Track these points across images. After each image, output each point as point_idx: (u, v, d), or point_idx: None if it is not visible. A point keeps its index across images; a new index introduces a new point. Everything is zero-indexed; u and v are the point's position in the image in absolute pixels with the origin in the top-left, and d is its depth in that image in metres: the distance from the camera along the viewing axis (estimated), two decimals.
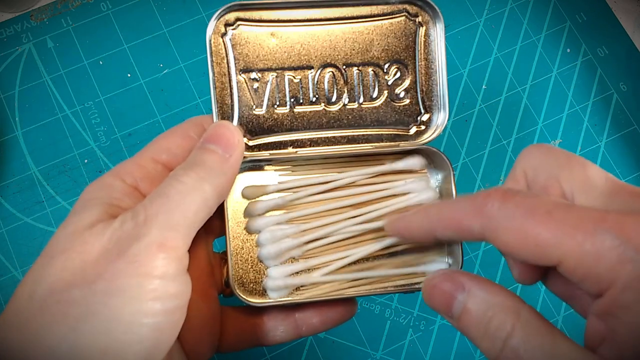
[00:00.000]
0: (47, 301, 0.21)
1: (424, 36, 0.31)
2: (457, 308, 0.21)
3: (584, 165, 0.22)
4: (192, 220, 0.24)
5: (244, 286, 0.30)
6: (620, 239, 0.18)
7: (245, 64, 0.29)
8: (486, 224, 0.21)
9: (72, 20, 0.46)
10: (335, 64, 0.30)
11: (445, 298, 0.22)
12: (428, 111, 0.31)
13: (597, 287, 0.19)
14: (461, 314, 0.21)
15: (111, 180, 0.25)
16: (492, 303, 0.21)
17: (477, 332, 0.21)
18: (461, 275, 0.22)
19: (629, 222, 0.18)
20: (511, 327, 0.20)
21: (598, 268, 0.18)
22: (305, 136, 0.30)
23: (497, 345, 0.20)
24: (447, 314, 0.22)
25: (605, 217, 0.19)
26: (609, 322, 0.19)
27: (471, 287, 0.21)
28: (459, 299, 0.21)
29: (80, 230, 0.23)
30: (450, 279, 0.22)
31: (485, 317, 0.20)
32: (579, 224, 0.19)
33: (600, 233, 0.18)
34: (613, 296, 0.18)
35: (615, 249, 0.18)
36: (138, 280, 0.22)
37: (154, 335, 0.22)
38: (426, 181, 0.31)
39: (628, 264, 0.18)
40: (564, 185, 0.22)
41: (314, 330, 0.31)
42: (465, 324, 0.21)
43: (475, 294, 0.21)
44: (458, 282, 0.22)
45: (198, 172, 0.24)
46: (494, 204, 0.21)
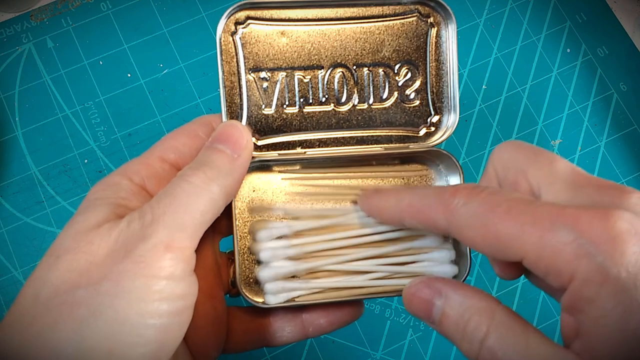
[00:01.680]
0: (52, 302, 0.21)
1: (435, 37, 0.30)
2: (436, 313, 0.22)
3: (551, 159, 0.22)
4: (199, 221, 0.23)
5: (251, 286, 0.29)
6: (575, 233, 0.18)
7: (254, 63, 0.29)
8: (451, 220, 0.22)
9: (72, 20, 0.46)
10: (345, 64, 0.30)
11: (424, 304, 0.22)
12: (438, 113, 0.31)
13: (559, 281, 0.19)
14: (441, 319, 0.22)
15: (118, 180, 0.25)
16: (468, 306, 0.21)
17: (456, 334, 0.21)
18: (438, 282, 0.23)
19: (585, 215, 0.19)
20: (487, 328, 0.20)
21: (557, 263, 0.19)
22: (314, 136, 0.30)
23: (475, 346, 0.20)
24: (428, 320, 0.23)
25: (562, 212, 0.19)
26: (577, 316, 0.19)
27: (447, 291, 0.22)
28: (437, 304, 0.22)
29: (86, 230, 0.23)
30: (428, 286, 0.23)
31: (463, 320, 0.21)
32: (537, 220, 0.19)
33: (557, 228, 0.19)
34: (575, 290, 0.19)
35: (571, 244, 0.18)
36: (144, 281, 0.21)
37: (160, 336, 0.22)
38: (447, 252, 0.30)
39: (584, 257, 0.18)
40: (531, 180, 0.22)
41: (320, 331, 0.30)
42: (445, 327, 0.22)
43: (452, 298, 0.22)
44: (435, 288, 0.22)
45: (206, 172, 0.24)
46: (459, 201, 0.21)
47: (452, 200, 0.22)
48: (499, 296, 0.43)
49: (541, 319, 0.43)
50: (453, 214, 0.22)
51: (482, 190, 0.21)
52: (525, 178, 0.22)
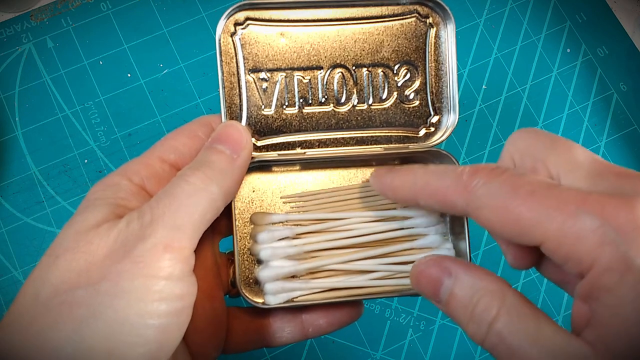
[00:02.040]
0: (51, 302, 0.21)
1: (434, 37, 0.30)
2: (444, 292, 0.22)
3: (569, 146, 0.22)
4: (198, 221, 0.23)
5: (251, 287, 0.29)
6: (600, 221, 0.18)
7: (254, 64, 0.29)
8: (470, 201, 0.21)
9: (72, 20, 0.46)
10: (344, 65, 0.30)
11: (432, 283, 0.22)
12: (438, 113, 0.31)
13: (578, 268, 0.19)
14: (448, 299, 0.21)
15: (118, 180, 0.25)
16: (478, 287, 0.21)
17: (463, 316, 0.21)
18: (448, 261, 0.22)
19: (611, 203, 0.18)
20: (496, 311, 0.20)
21: (579, 249, 0.18)
22: (313, 137, 0.30)
23: (483, 329, 0.20)
24: (435, 299, 0.22)
25: (587, 198, 0.19)
26: (592, 305, 0.19)
27: (458, 272, 0.21)
28: (446, 283, 0.22)
29: (86, 230, 0.23)
30: (437, 264, 0.22)
31: (472, 301, 0.20)
32: (561, 205, 0.19)
33: (581, 214, 0.18)
34: (594, 278, 0.18)
35: (596, 231, 0.18)
36: (143, 281, 0.21)
37: (159, 336, 0.22)
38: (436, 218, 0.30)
39: (608, 245, 0.18)
40: (550, 167, 0.22)
41: (320, 332, 0.30)
42: (452, 308, 0.21)
43: (462, 278, 0.21)
44: (445, 267, 0.22)
45: (206, 173, 0.24)
46: (479, 181, 0.21)
47: (471, 180, 0.21)
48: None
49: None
50: (472, 194, 0.21)
51: (503, 172, 0.21)
52: (544, 165, 0.22)
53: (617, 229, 0.18)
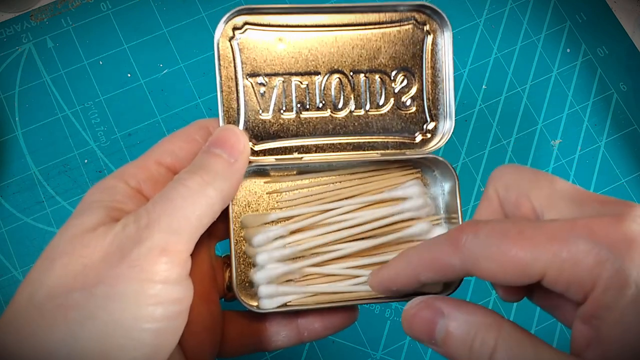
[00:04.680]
0: (46, 305, 0.21)
1: (431, 44, 0.30)
2: (439, 333, 0.21)
3: (551, 180, 0.22)
4: (195, 225, 0.23)
5: (247, 290, 0.29)
6: (593, 242, 0.19)
7: (252, 69, 0.29)
8: (465, 257, 0.21)
9: (72, 20, 0.46)
10: (342, 71, 0.30)
11: (426, 325, 0.22)
12: (434, 119, 0.31)
13: (581, 292, 0.19)
14: (444, 338, 0.21)
15: (114, 183, 0.25)
16: (473, 322, 0.21)
17: (462, 353, 0.21)
18: (438, 301, 0.22)
19: (598, 224, 0.19)
20: (494, 343, 0.20)
21: (578, 273, 0.19)
22: (311, 142, 0.30)
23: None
24: (430, 341, 0.22)
25: (575, 224, 0.19)
26: (594, 325, 0.19)
27: (450, 310, 0.22)
28: (440, 323, 0.21)
29: (82, 233, 0.23)
30: (429, 307, 0.22)
31: (469, 337, 0.21)
32: (552, 236, 0.19)
33: (573, 239, 0.19)
34: (596, 298, 0.19)
35: (590, 252, 0.19)
36: (139, 285, 0.21)
37: (155, 340, 0.22)
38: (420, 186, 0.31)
39: (605, 263, 0.18)
40: (534, 200, 0.22)
41: (316, 336, 0.30)
42: (449, 347, 0.21)
43: (455, 316, 0.21)
44: (436, 307, 0.22)
45: (203, 176, 0.24)
46: (467, 236, 0.21)
47: (459, 238, 0.21)
48: (498, 300, 0.43)
49: (541, 319, 0.43)
50: (464, 250, 0.21)
51: (486, 222, 0.21)
52: (527, 199, 0.22)
53: (609, 247, 0.18)
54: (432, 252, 0.23)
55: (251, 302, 0.29)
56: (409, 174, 0.32)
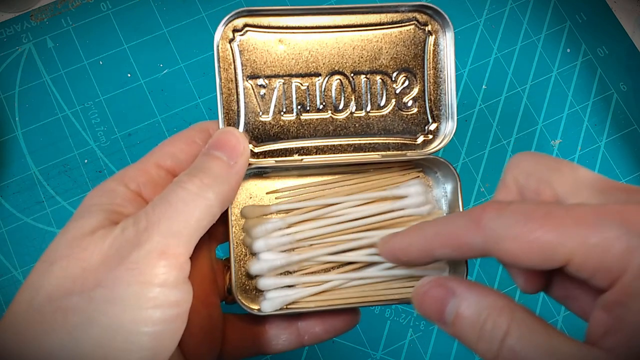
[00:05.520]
0: (45, 308, 0.21)
1: (433, 45, 0.30)
2: (449, 313, 0.21)
3: (573, 167, 0.22)
4: (194, 228, 0.23)
5: (247, 293, 0.29)
6: (624, 228, 0.18)
7: (252, 70, 0.29)
8: (487, 236, 0.20)
9: (72, 20, 0.46)
10: (343, 72, 0.30)
11: (436, 305, 0.21)
12: (436, 120, 0.31)
13: (607, 279, 0.19)
14: (454, 319, 0.21)
15: (114, 186, 0.25)
16: (485, 305, 0.20)
17: (472, 335, 0.20)
18: (451, 281, 0.22)
19: (631, 210, 0.18)
20: (507, 327, 0.19)
21: (607, 260, 0.18)
22: (311, 144, 0.30)
23: (494, 345, 0.20)
24: (440, 321, 0.22)
25: (604, 209, 0.19)
26: (617, 312, 0.18)
27: (462, 291, 0.21)
28: (451, 304, 0.21)
29: (81, 237, 0.23)
30: (440, 285, 0.22)
31: (480, 319, 0.20)
32: (581, 220, 0.19)
33: (604, 224, 0.18)
34: (624, 285, 0.18)
35: (621, 238, 0.18)
36: (138, 288, 0.21)
37: (154, 343, 0.22)
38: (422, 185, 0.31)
39: (636, 251, 0.18)
40: (557, 187, 0.22)
41: (316, 339, 0.30)
42: (459, 328, 0.21)
43: (467, 297, 0.21)
44: (448, 287, 0.21)
45: (202, 179, 0.24)
46: (491, 215, 0.20)
47: (482, 215, 0.21)
48: None
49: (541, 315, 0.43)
50: (487, 229, 0.20)
51: (510, 203, 0.21)
52: (549, 186, 0.22)
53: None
54: (451, 227, 0.22)
55: (252, 305, 0.28)
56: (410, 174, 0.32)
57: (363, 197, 0.30)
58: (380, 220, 0.30)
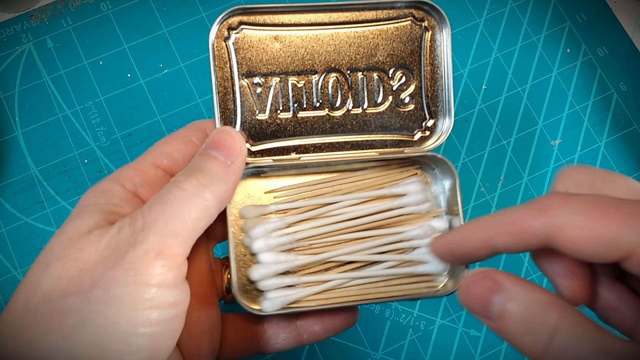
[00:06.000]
0: (41, 310, 0.21)
1: (429, 41, 0.30)
2: (496, 307, 0.20)
3: (626, 178, 0.22)
4: (191, 228, 0.23)
5: (247, 293, 0.29)
6: None
7: (248, 69, 0.29)
8: (550, 222, 0.20)
9: (72, 20, 0.46)
10: (339, 69, 0.30)
11: (483, 297, 0.21)
12: (433, 117, 0.31)
13: None
14: (501, 313, 0.20)
15: (110, 186, 0.25)
16: (534, 300, 0.20)
17: (518, 330, 0.20)
18: (498, 274, 0.21)
19: None
20: (557, 322, 0.19)
21: None
22: (308, 142, 0.30)
23: (542, 341, 0.19)
24: (484, 314, 0.21)
25: None
26: None
27: (510, 285, 0.21)
28: (498, 297, 0.21)
29: (77, 237, 0.22)
30: (488, 277, 0.21)
31: (529, 314, 0.20)
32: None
33: None
34: None
35: None
36: (135, 289, 0.21)
37: (151, 344, 0.22)
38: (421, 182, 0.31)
39: None
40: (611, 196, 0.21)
41: (315, 338, 0.30)
42: (505, 322, 0.20)
43: (516, 291, 0.20)
44: (496, 280, 0.21)
45: (199, 179, 0.24)
46: (557, 202, 0.20)
47: (547, 202, 0.21)
48: None
49: None
50: (551, 215, 0.20)
51: (575, 194, 0.21)
52: None
53: None
54: (514, 214, 0.22)
55: (252, 305, 0.28)
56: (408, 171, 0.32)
57: (362, 195, 0.30)
58: (380, 218, 0.30)
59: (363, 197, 0.30)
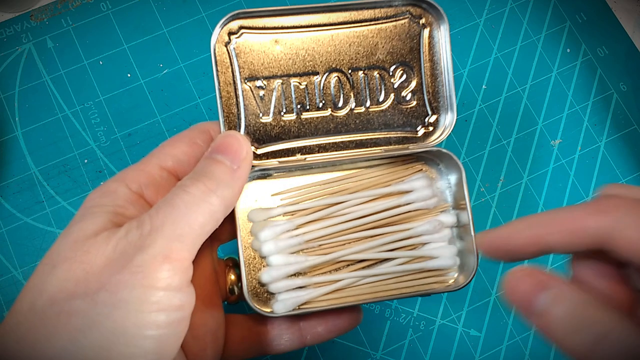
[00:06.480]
0: (47, 312, 0.21)
1: (428, 37, 0.30)
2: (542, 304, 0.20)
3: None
4: (198, 233, 0.23)
5: (258, 296, 0.29)
6: None
7: (250, 72, 0.29)
8: (608, 222, 0.20)
9: (72, 20, 0.46)
10: (340, 69, 0.30)
11: (529, 294, 0.21)
12: (435, 112, 0.31)
13: None
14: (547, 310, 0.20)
15: (115, 187, 0.25)
16: (582, 300, 0.20)
17: (564, 328, 0.19)
18: (545, 272, 0.21)
19: None
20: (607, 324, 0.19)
21: None
22: (313, 142, 0.30)
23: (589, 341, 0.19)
24: (528, 311, 0.21)
25: None
26: None
27: (557, 283, 0.20)
28: (544, 295, 0.20)
29: (83, 239, 0.22)
30: (535, 274, 0.21)
31: (576, 314, 0.19)
32: None
33: None
34: None
35: None
36: (142, 292, 0.21)
37: (157, 347, 0.22)
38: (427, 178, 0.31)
39: None
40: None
41: (319, 339, 0.30)
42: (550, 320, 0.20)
43: (563, 290, 0.20)
44: (543, 278, 0.21)
45: (206, 184, 0.24)
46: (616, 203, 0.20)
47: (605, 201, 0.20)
48: (499, 295, 0.43)
49: None
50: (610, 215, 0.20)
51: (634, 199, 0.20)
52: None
53: None
54: (571, 212, 0.21)
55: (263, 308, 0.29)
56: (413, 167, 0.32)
57: (368, 194, 0.30)
58: (388, 216, 0.30)
59: (370, 196, 0.30)
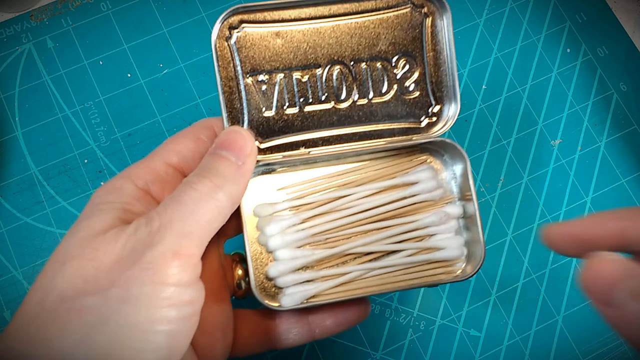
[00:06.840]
0: (58, 309, 0.21)
1: (430, 27, 0.30)
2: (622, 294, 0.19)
3: None
4: (206, 229, 0.23)
5: (265, 291, 0.29)
6: None
7: (251, 66, 0.29)
8: None
9: (72, 20, 0.46)
10: (342, 61, 0.30)
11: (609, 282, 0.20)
12: (439, 102, 0.31)
13: None
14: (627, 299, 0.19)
15: (121, 184, 0.25)
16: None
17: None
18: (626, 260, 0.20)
19: None
20: None
21: None
22: (316, 135, 0.30)
23: None
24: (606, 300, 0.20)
25: None
26: None
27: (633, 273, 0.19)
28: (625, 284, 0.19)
29: (92, 236, 0.23)
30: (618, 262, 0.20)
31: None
32: None
33: None
34: None
35: None
36: (153, 288, 0.21)
37: (169, 342, 0.22)
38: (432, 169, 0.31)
39: None
40: None
41: (328, 332, 0.30)
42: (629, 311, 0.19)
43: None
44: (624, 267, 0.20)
45: (212, 180, 0.24)
46: None
47: None
48: (499, 295, 0.43)
49: (541, 319, 0.43)
50: None
51: None
52: None
53: None
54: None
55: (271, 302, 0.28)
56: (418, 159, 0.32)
57: (374, 186, 0.30)
58: (394, 208, 0.30)
59: (375, 188, 0.30)
